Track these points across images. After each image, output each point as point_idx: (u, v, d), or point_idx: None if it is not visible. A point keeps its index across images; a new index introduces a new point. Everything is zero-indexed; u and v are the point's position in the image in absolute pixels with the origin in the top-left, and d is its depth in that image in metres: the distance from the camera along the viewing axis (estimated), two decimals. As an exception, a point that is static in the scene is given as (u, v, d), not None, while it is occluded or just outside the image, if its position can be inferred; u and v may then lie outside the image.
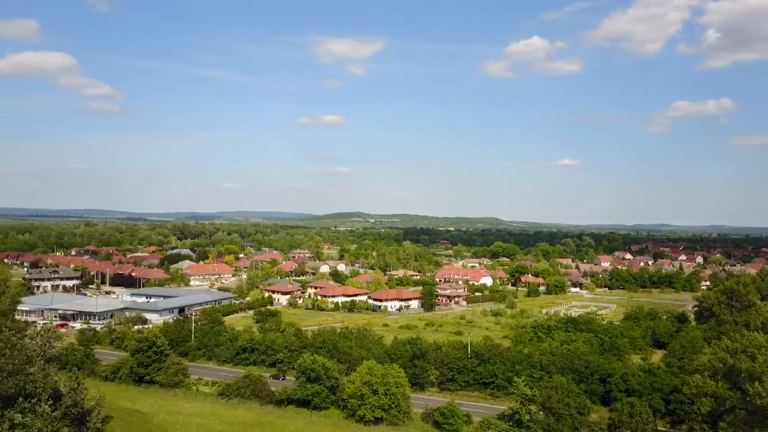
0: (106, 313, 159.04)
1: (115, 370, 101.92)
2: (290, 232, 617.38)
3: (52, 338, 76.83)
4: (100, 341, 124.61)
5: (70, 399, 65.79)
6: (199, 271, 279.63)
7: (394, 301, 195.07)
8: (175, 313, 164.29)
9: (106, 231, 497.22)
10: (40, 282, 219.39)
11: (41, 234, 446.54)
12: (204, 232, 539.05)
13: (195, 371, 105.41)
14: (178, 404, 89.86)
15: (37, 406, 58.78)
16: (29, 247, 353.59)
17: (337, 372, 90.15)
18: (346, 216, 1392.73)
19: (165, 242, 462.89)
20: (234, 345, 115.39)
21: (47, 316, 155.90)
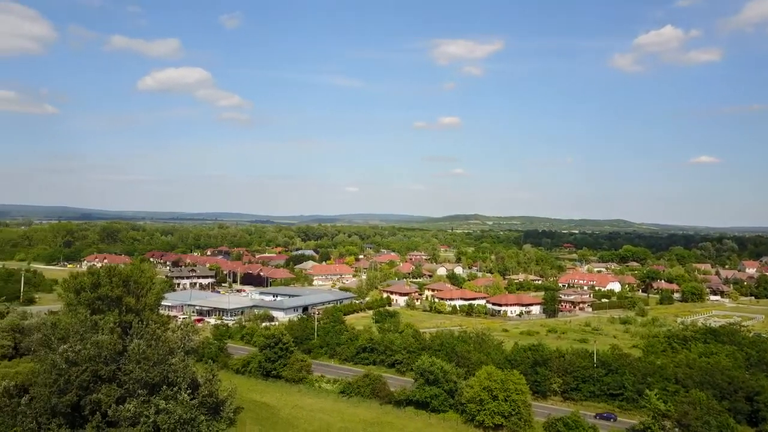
0: (237, 310, 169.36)
1: (245, 364, 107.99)
2: (407, 234, 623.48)
3: (190, 332, 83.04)
4: (232, 336, 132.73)
5: (206, 389, 70.51)
6: (322, 271, 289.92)
7: (514, 306, 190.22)
8: (299, 311, 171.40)
9: (237, 233, 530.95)
10: (180, 280, 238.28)
11: (181, 236, 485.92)
12: (326, 234, 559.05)
13: (317, 368, 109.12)
14: (302, 399, 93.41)
15: (178, 394, 63.55)
16: (171, 248, 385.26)
17: (456, 375, 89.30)
18: (463, 218, 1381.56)
19: (290, 243, 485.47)
20: (354, 344, 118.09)
21: (186, 311, 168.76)
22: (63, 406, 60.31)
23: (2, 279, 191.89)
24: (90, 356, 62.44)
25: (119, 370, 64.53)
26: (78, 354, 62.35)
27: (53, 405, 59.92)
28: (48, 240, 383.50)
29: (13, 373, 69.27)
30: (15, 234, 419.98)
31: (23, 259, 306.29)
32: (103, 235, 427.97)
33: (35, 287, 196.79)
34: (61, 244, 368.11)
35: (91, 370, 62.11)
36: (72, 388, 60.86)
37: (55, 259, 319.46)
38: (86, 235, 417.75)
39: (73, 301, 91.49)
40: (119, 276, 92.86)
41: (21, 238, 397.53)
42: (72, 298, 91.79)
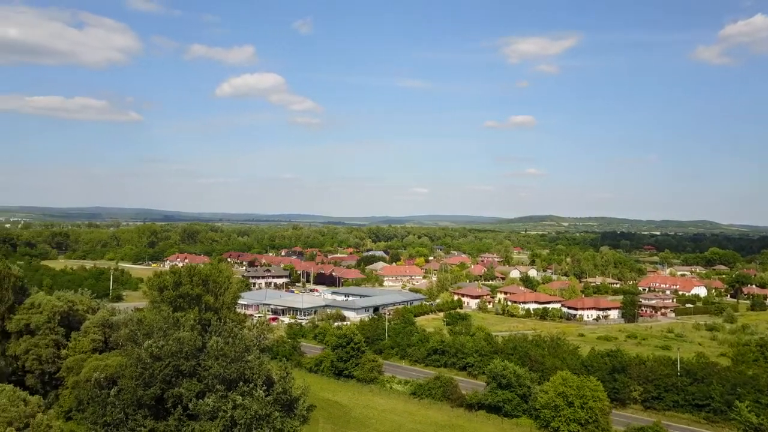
0: (310, 309, 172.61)
1: (317, 363, 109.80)
2: (479, 236, 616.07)
3: (265, 330, 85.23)
4: (305, 335, 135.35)
5: (280, 386, 72.11)
6: (392, 272, 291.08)
7: (590, 310, 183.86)
8: (370, 311, 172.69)
9: (310, 234, 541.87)
10: (255, 279, 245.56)
11: (256, 237, 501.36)
12: (396, 235, 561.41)
13: (388, 369, 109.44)
14: (374, 399, 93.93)
15: (253, 390, 65.28)
16: (247, 248, 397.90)
17: (529, 380, 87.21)
18: (537, 219, 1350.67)
19: (361, 244, 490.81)
20: (425, 346, 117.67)
21: (261, 310, 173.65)
22: (148, 398, 63.22)
23: (94, 277, 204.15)
24: (172, 352, 65.19)
25: (199, 365, 66.98)
26: (161, 349, 65.23)
27: (139, 397, 62.91)
28: (134, 240, 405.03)
29: (103, 365, 73.37)
30: (105, 235, 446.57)
31: (112, 258, 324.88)
32: (184, 235, 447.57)
33: (123, 285, 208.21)
34: (146, 245, 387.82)
35: (173, 365, 64.81)
36: (156, 382, 63.72)
37: (140, 259, 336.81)
38: (169, 236, 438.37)
39: (156, 299, 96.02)
40: (199, 275, 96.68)
41: (110, 238, 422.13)
42: (156, 296, 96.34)
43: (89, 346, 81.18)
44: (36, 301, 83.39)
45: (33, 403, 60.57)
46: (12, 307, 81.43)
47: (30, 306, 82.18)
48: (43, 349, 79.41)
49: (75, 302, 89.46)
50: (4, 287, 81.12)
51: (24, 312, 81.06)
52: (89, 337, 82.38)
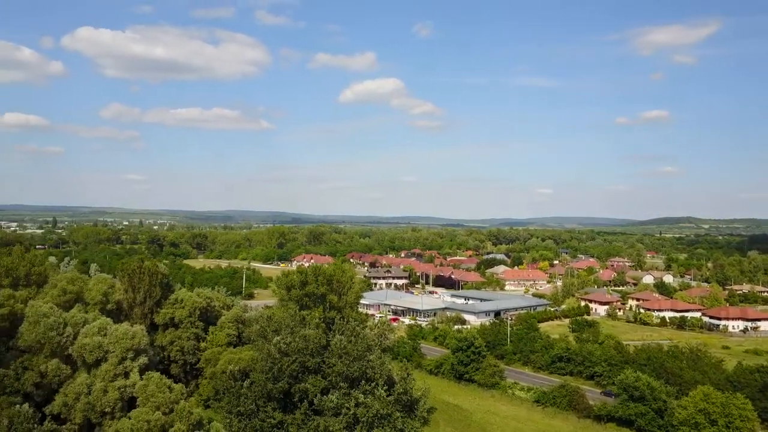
0: (430, 311, 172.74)
1: (438, 365, 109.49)
2: (608, 239, 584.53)
3: (386, 330, 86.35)
4: (425, 337, 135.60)
5: (401, 387, 72.59)
6: (514, 276, 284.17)
7: (736, 321, 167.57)
8: (491, 316, 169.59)
9: (429, 236, 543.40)
10: (376, 280, 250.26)
11: (377, 238, 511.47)
12: (518, 238, 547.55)
13: (510, 375, 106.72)
14: (495, 405, 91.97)
15: (375, 389, 66.24)
16: (368, 249, 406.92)
17: (665, 394, 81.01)
18: (673, 221, 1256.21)
19: (481, 247, 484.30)
20: (549, 352, 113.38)
21: (382, 310, 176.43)
22: (276, 392, 66.25)
23: (228, 276, 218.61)
24: (299, 348, 67.87)
25: (323, 362, 69.16)
26: (289, 346, 68.14)
27: (269, 390, 66.08)
28: (264, 242, 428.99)
29: (237, 359, 78.16)
30: (238, 236, 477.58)
31: (244, 258, 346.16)
32: (310, 237, 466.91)
33: (254, 284, 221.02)
34: (275, 245, 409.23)
35: (300, 362, 67.44)
36: (284, 377, 66.64)
37: (270, 259, 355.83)
38: (296, 237, 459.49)
39: (284, 297, 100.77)
40: (324, 275, 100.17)
41: (243, 240, 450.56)
42: (284, 295, 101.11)
43: (224, 340, 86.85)
44: (179, 297, 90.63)
45: (177, 390, 65.74)
46: (159, 301, 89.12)
47: (174, 301, 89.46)
48: (185, 341, 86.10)
49: (212, 299, 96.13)
50: (153, 284, 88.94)
51: (169, 307, 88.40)
52: (224, 332, 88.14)
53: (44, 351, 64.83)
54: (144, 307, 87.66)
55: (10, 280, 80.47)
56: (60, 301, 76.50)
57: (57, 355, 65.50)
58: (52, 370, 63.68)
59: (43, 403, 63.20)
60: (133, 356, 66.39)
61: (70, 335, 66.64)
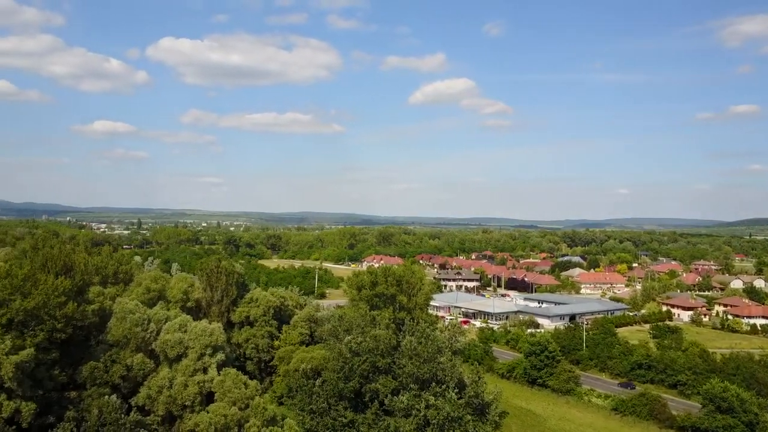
0: (502, 314, 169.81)
1: (510, 369, 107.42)
2: (691, 241, 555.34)
3: (457, 333, 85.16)
4: (497, 340, 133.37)
5: (472, 390, 71.56)
6: (590, 279, 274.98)
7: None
8: (565, 320, 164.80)
9: (501, 238, 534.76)
10: (446, 282, 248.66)
11: (447, 240, 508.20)
12: (594, 240, 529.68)
13: (586, 381, 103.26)
14: (570, 411, 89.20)
15: (446, 392, 65.64)
16: (438, 251, 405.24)
17: (756, 406, 75.98)
18: (765, 222, 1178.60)
19: (555, 249, 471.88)
20: (628, 359, 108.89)
21: (453, 312, 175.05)
22: (348, 391, 66.86)
23: (301, 275, 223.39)
24: (369, 348, 68.20)
25: (393, 363, 69.18)
26: (360, 345, 68.61)
27: (340, 389, 66.79)
28: (336, 242, 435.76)
29: (309, 357, 79.58)
30: (311, 237, 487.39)
31: (317, 258, 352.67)
32: (380, 238, 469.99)
33: (326, 283, 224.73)
34: (346, 246, 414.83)
35: (370, 361, 67.76)
36: (355, 376, 67.17)
37: (341, 259, 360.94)
38: (366, 238, 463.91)
39: (355, 297, 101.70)
40: (393, 276, 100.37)
41: (315, 240, 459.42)
42: (354, 295, 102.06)
43: (297, 339, 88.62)
44: (254, 296, 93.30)
45: (252, 386, 67.65)
46: (236, 300, 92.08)
47: (249, 300, 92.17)
48: (259, 339, 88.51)
49: (286, 298, 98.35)
50: (230, 283, 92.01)
51: (245, 305, 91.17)
52: (297, 331, 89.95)
53: (130, 345, 68.28)
54: (221, 305, 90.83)
55: (100, 277, 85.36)
56: (144, 298, 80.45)
57: (141, 349, 68.82)
58: (138, 363, 66.96)
59: (129, 394, 66.53)
60: (211, 352, 68.79)
61: (154, 331, 69.87)
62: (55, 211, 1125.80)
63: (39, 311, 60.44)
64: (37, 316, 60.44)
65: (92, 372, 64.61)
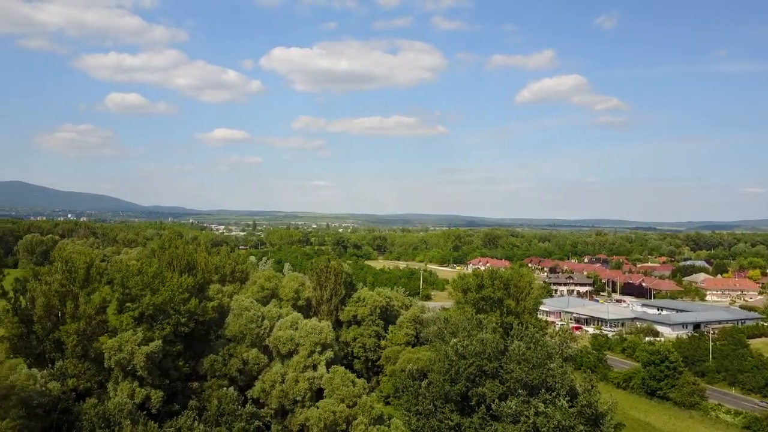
0: (617, 321, 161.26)
1: (626, 378, 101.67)
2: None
3: (568, 339, 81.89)
4: (612, 348, 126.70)
5: (585, 399, 68.33)
6: (717, 285, 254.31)
7: None
8: (688, 328, 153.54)
9: (616, 240, 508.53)
10: (557, 286, 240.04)
11: (558, 242, 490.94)
12: (721, 243, 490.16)
13: (712, 395, 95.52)
14: (694, 427, 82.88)
15: (556, 399, 63.19)
16: (548, 254, 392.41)
17: None
18: None
19: (676, 253, 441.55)
20: (762, 373, 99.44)
21: (563, 318, 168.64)
22: (454, 393, 66.23)
23: (406, 276, 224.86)
24: (476, 352, 67.15)
25: (501, 368, 67.64)
26: (466, 348, 67.75)
27: (446, 392, 66.30)
28: (440, 244, 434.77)
29: (415, 358, 79.73)
30: (415, 239, 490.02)
31: (421, 260, 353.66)
32: (486, 240, 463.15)
33: (431, 285, 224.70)
34: (451, 248, 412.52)
35: (477, 365, 66.68)
36: (461, 379, 66.39)
37: (446, 261, 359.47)
38: (471, 241, 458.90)
39: (461, 300, 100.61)
40: (500, 279, 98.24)
41: (420, 242, 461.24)
42: (460, 297, 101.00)
43: (403, 339, 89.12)
44: (361, 295, 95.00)
45: (359, 385, 68.78)
46: (344, 299, 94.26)
47: (357, 300, 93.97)
48: (366, 338, 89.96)
49: (392, 298, 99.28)
50: (338, 282, 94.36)
51: (352, 305, 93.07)
52: (403, 331, 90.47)
53: (246, 341, 71.81)
54: (330, 304, 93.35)
55: (219, 276, 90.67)
56: (259, 296, 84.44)
57: (256, 345, 72.16)
58: (253, 358, 70.27)
59: (245, 387, 69.97)
60: (320, 350, 70.78)
61: (267, 328, 73.05)
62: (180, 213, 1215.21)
63: (166, 306, 65.10)
64: (164, 310, 65.12)
65: (212, 365, 68.61)
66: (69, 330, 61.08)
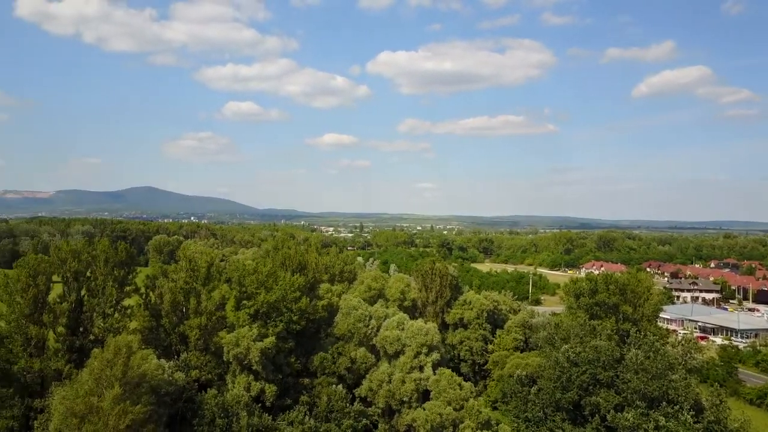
0: (749, 331, 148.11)
1: (761, 395, 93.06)
2: None
3: (692, 349, 76.40)
4: (743, 361, 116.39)
5: (712, 414, 63.21)
6: None
7: None
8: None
9: (748, 243, 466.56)
10: (679, 292, 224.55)
11: (679, 245, 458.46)
12: None
13: None
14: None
15: (679, 413, 58.96)
16: (668, 258, 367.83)
17: None
18: None
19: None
20: None
21: (687, 326, 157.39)
22: (566, 402, 63.71)
23: (514, 280, 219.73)
24: (589, 359, 64.20)
25: (617, 377, 64.23)
26: (578, 355, 64.96)
27: (557, 399, 63.94)
28: (550, 247, 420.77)
29: (524, 364, 77.56)
30: (524, 241, 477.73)
31: (530, 263, 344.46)
32: (600, 243, 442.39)
33: (540, 289, 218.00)
34: (562, 251, 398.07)
35: (590, 373, 63.73)
36: (573, 387, 63.72)
37: (556, 265, 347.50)
38: (584, 243, 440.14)
39: (573, 305, 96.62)
40: (616, 284, 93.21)
41: (528, 245, 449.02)
42: (572, 302, 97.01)
43: (511, 344, 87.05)
44: (467, 298, 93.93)
45: (466, 388, 67.99)
46: (449, 302, 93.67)
47: (463, 302, 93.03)
48: (473, 341, 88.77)
49: (499, 302, 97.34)
50: (444, 284, 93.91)
51: (458, 307, 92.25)
52: (511, 336, 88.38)
53: (354, 340, 73.26)
54: (436, 306, 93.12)
55: (328, 276, 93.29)
56: (366, 296, 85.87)
57: (363, 344, 73.42)
58: (360, 357, 71.56)
59: (353, 385, 71.39)
60: (426, 351, 70.71)
61: (374, 327, 74.09)
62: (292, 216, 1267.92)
63: (278, 304, 67.91)
64: (277, 308, 67.95)
65: (322, 362, 70.64)
66: (192, 324, 65.37)
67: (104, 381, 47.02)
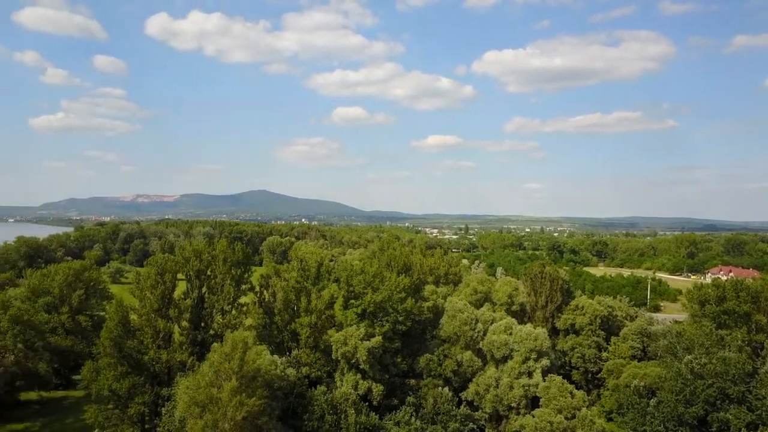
0: None
1: None
2: None
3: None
4: None
5: None
6: None
7: None
8: None
9: None
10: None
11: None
12: None
13: None
14: None
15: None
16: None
17: None
18: None
19: None
20: None
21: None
22: (689, 416, 59.39)
23: (631, 285, 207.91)
24: (716, 372, 59.39)
25: (749, 392, 58.87)
26: (704, 367, 60.31)
27: (680, 413, 59.75)
28: (671, 250, 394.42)
29: (642, 374, 73.09)
30: (641, 244, 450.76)
31: (649, 267, 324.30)
32: (728, 246, 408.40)
33: (660, 295, 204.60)
34: (684, 255, 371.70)
35: (718, 387, 58.92)
36: (698, 401, 59.24)
37: (678, 269, 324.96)
38: (710, 247, 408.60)
39: (697, 313, 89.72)
40: (747, 291, 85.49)
41: (647, 248, 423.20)
42: (696, 310, 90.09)
43: (628, 353, 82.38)
44: (580, 303, 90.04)
45: (578, 397, 65.18)
46: (560, 307, 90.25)
47: (574, 308, 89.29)
48: (585, 348, 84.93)
49: (614, 308, 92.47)
50: (554, 289, 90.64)
51: (570, 312, 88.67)
52: (628, 344, 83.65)
53: (459, 343, 72.57)
54: (545, 311, 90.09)
55: (433, 277, 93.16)
56: (472, 299, 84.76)
57: (470, 347, 72.52)
58: (467, 360, 70.73)
59: (459, 389, 70.70)
60: (535, 357, 68.61)
61: (481, 331, 72.97)
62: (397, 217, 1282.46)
63: (385, 304, 68.70)
64: (384, 308, 68.76)
65: (428, 364, 70.59)
66: (303, 322, 67.74)
67: (223, 374, 49.86)
